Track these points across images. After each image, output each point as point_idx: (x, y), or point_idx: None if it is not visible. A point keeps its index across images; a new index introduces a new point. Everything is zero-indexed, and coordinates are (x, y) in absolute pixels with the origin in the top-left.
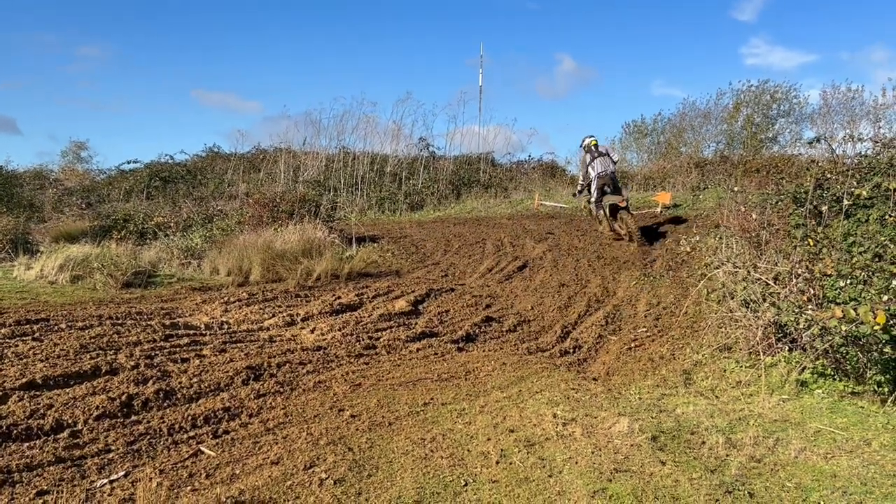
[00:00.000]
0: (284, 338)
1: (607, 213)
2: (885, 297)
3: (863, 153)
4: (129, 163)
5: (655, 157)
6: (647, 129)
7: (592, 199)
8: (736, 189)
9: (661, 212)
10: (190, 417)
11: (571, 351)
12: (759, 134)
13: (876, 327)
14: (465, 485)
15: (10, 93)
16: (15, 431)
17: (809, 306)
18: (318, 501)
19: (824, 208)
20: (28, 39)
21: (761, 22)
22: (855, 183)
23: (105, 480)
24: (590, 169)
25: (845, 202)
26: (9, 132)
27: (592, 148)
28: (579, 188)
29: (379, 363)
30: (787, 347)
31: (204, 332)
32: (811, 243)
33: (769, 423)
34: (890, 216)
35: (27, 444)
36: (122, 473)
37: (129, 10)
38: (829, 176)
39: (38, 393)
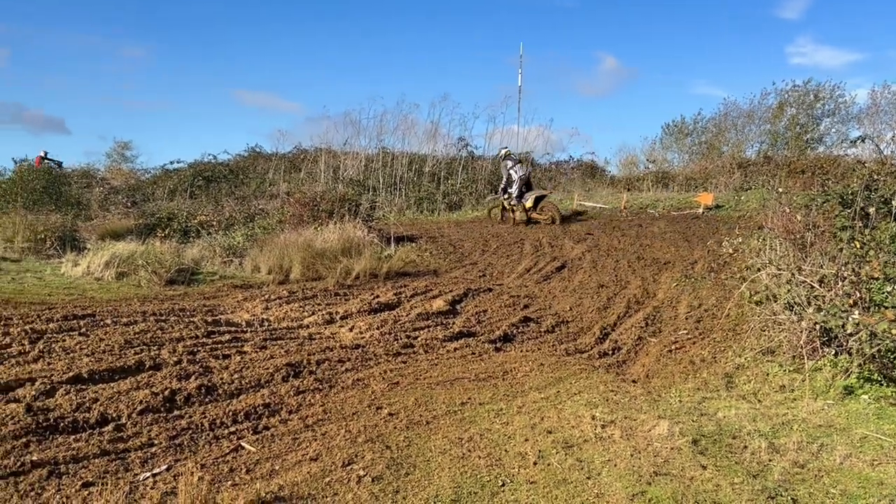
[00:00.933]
0: (324, 335)
1: (530, 204)
2: None
3: None
4: (173, 162)
5: (697, 157)
6: (688, 128)
7: (514, 195)
8: (780, 190)
9: (703, 212)
10: (231, 413)
11: (610, 352)
12: (804, 134)
13: None
14: (503, 485)
15: (58, 93)
16: (62, 424)
17: (856, 310)
18: (357, 498)
19: (872, 210)
20: (75, 40)
21: (807, 20)
22: None
23: (148, 474)
24: (512, 172)
25: (894, 204)
26: (58, 132)
27: (513, 155)
28: (503, 186)
29: (417, 362)
30: (832, 351)
31: (245, 329)
32: (858, 245)
33: (813, 428)
34: None
35: (73, 436)
36: (165, 467)
37: (172, 11)
38: (876, 177)
39: (84, 387)
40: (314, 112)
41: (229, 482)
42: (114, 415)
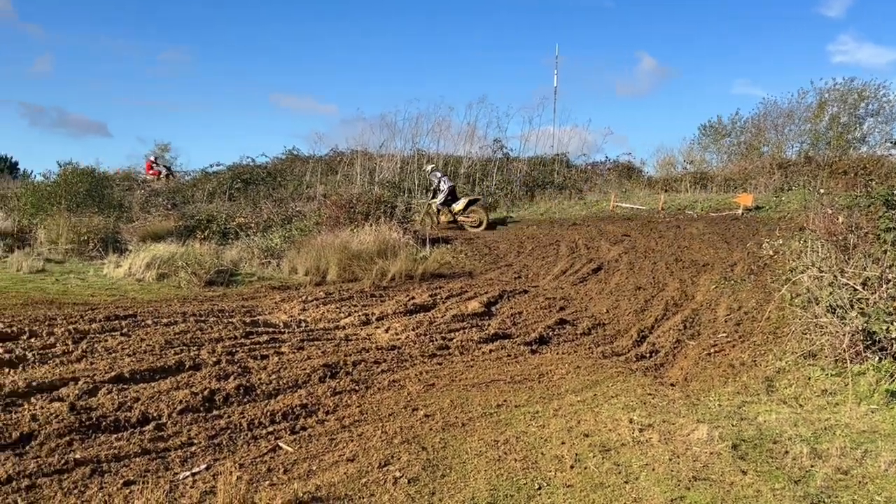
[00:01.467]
0: (360, 337)
1: (460, 207)
2: None
3: None
4: (212, 165)
5: (736, 157)
6: (726, 129)
7: (440, 202)
8: (822, 191)
9: (743, 214)
10: (269, 413)
11: (648, 355)
12: (846, 134)
13: None
14: (539, 488)
15: (100, 98)
16: (104, 423)
17: None
18: (393, 500)
19: None
20: (116, 46)
21: (850, 17)
22: None
23: (188, 473)
24: (441, 183)
25: None
26: (100, 135)
27: (439, 169)
28: (432, 195)
29: (452, 364)
30: (876, 355)
31: (283, 330)
32: None
33: (857, 433)
34: None
35: (115, 435)
36: (204, 466)
37: (210, 15)
38: None
39: (125, 386)
40: (350, 115)
41: (267, 482)
42: (154, 414)
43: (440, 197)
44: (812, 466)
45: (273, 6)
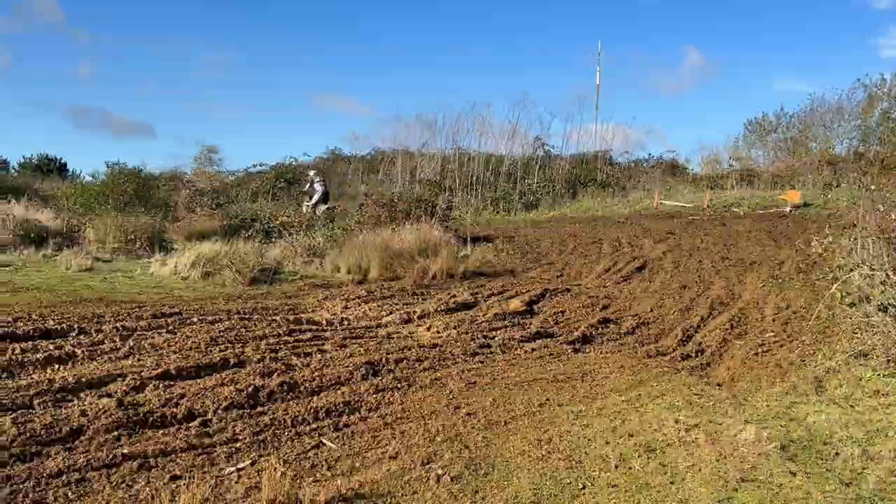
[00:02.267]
0: (402, 335)
1: (322, 210)
2: None
3: None
4: (255, 165)
5: (782, 154)
6: (772, 125)
7: (313, 203)
8: (872, 187)
9: (791, 211)
10: (312, 410)
11: (693, 355)
12: None
13: None
14: (583, 488)
15: (146, 100)
16: (151, 419)
17: None
18: (436, 498)
19: None
20: (161, 49)
21: None
22: None
23: (232, 468)
24: (317, 186)
25: None
26: (146, 136)
27: (318, 176)
28: (310, 196)
29: (494, 362)
30: None
31: (325, 328)
32: None
33: None
34: None
35: (161, 431)
36: (249, 462)
37: (250, 17)
38: None
39: (171, 383)
40: (392, 115)
41: (311, 478)
42: (200, 410)
43: (314, 198)
44: (864, 469)
45: (317, 6)
